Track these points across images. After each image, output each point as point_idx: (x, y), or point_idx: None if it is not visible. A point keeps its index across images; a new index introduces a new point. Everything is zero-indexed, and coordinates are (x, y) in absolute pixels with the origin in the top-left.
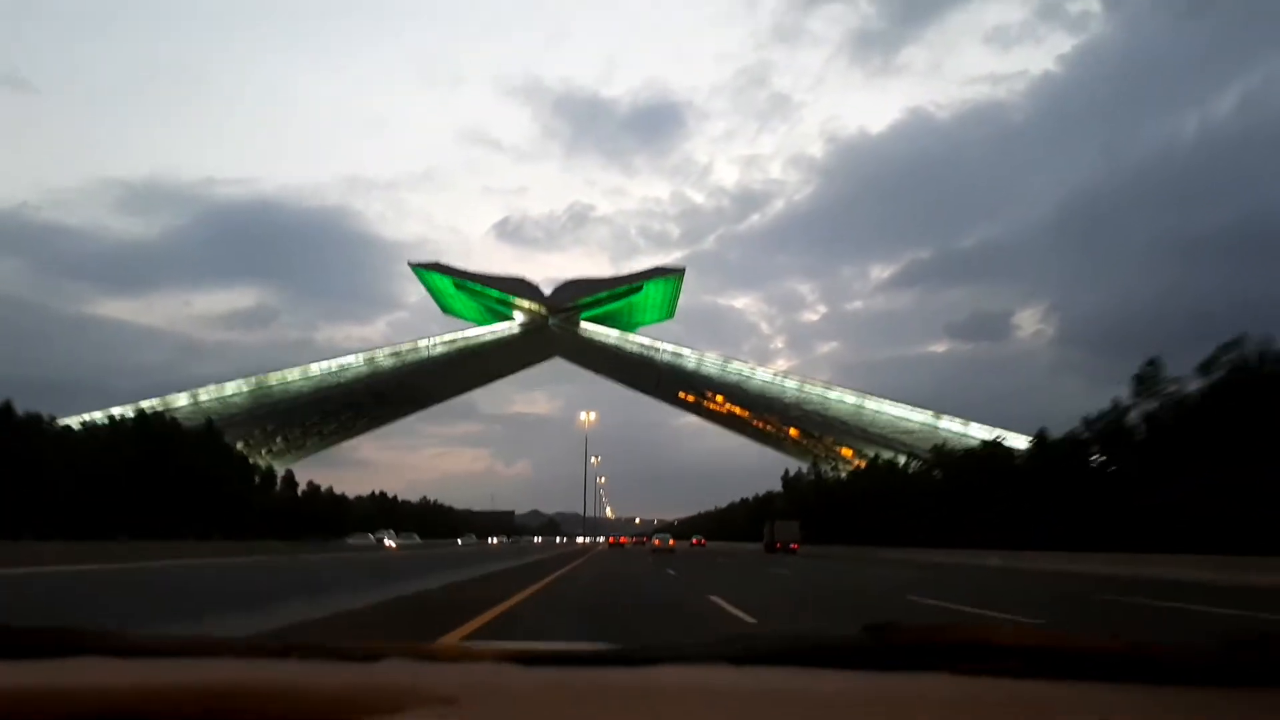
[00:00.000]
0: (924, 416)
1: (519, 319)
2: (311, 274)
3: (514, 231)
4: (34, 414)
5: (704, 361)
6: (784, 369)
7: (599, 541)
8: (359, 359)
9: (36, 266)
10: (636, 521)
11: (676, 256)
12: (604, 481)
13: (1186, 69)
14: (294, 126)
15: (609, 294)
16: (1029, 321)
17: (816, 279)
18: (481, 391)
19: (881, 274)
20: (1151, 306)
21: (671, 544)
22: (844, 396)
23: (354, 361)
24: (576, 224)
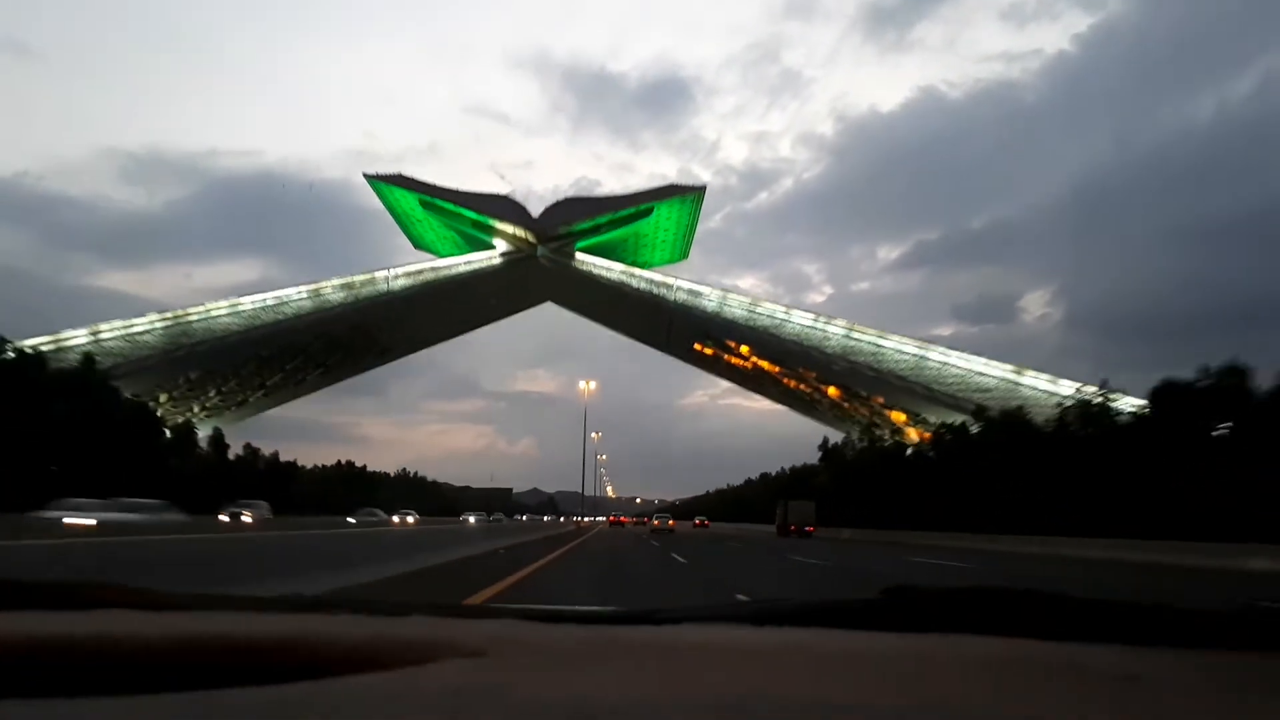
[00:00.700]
0: (1002, 371)
1: (501, 247)
2: (315, 247)
3: None
4: None
5: (727, 302)
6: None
7: (599, 521)
8: (301, 290)
9: (37, 237)
10: (637, 501)
11: None
12: (604, 459)
13: (1204, 50)
14: (299, 98)
15: (610, 218)
16: (1036, 304)
17: (824, 259)
18: (484, 368)
19: (889, 255)
20: (1162, 292)
21: (671, 524)
22: (902, 345)
23: (295, 294)
24: None
